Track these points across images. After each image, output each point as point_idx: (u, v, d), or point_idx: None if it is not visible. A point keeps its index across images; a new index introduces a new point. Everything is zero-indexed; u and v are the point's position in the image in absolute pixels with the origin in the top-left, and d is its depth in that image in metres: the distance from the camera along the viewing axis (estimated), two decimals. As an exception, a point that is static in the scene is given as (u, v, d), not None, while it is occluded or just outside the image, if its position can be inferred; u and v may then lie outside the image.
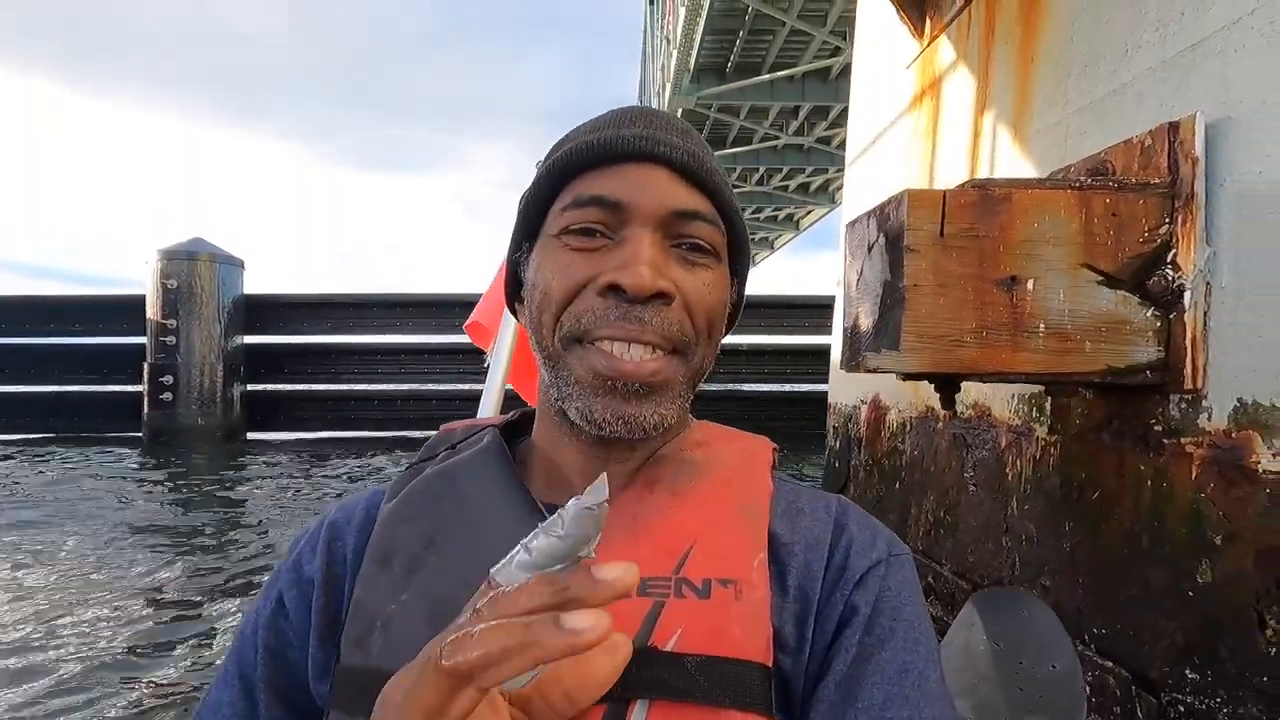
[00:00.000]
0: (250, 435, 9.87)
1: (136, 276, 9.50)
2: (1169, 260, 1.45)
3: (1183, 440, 1.46)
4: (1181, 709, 1.39)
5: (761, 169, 21.86)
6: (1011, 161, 2.21)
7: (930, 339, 1.42)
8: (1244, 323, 1.36)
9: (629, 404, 0.48)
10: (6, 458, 8.24)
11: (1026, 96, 2.15)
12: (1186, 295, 1.43)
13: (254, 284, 9.97)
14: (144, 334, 9.18)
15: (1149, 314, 1.47)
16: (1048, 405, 1.72)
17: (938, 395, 1.68)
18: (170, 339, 9.03)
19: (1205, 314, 1.43)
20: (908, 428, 2.83)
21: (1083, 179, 1.52)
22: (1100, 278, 1.45)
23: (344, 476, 7.58)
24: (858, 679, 0.46)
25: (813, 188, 22.15)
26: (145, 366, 9.07)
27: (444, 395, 10.00)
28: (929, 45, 2.86)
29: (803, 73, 15.94)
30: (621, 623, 0.42)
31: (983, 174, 2.39)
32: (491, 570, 0.35)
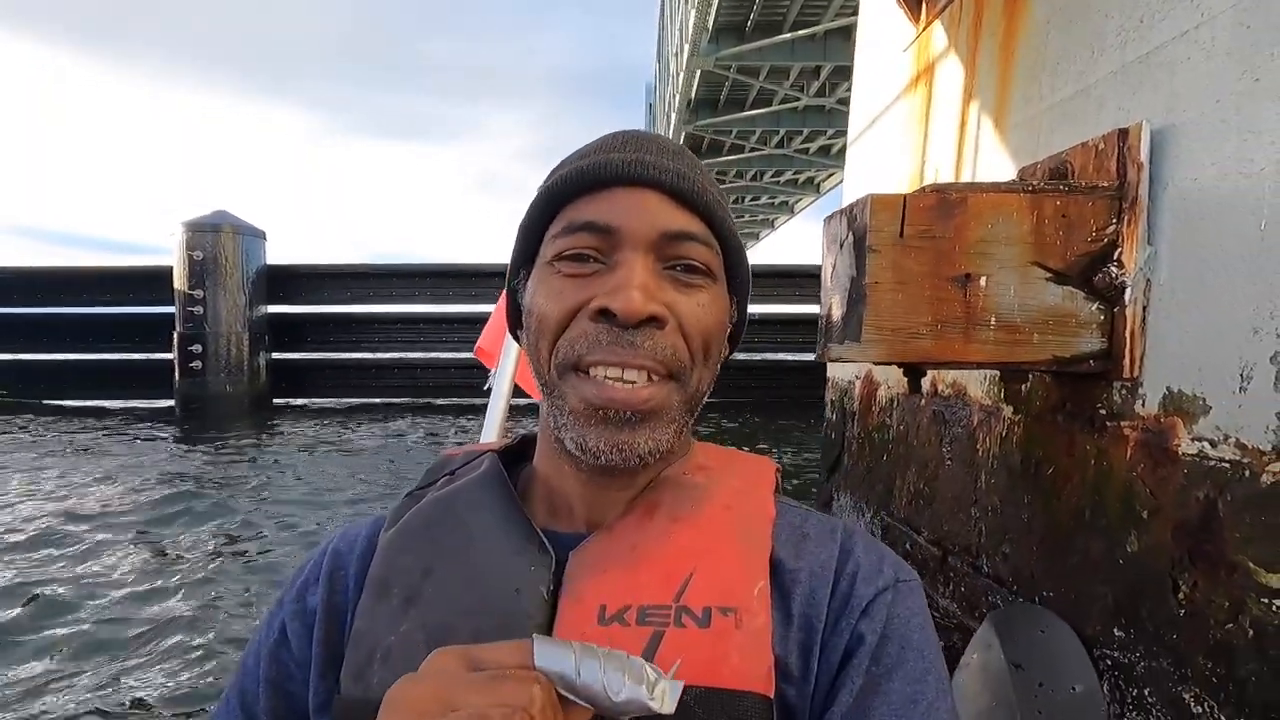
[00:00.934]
0: (276, 402, 10.22)
1: (163, 244, 9.77)
2: (1114, 258, 1.57)
3: (1121, 423, 1.60)
4: (1109, 662, 1.56)
5: (782, 131, 21.54)
6: (992, 152, 2.31)
7: (889, 332, 1.56)
8: (1175, 318, 1.48)
9: (622, 432, 0.48)
10: (42, 425, 8.65)
11: (1006, 90, 2.24)
12: (1128, 291, 1.55)
13: (276, 254, 10.23)
14: (172, 304, 9.50)
15: (1094, 308, 1.59)
16: (1016, 388, 1.85)
17: (905, 379, 1.83)
18: (198, 309, 9.33)
19: (1144, 309, 1.55)
20: (895, 404, 2.98)
21: (1035, 183, 1.63)
22: (1049, 274, 1.58)
23: (368, 442, 7.89)
24: (865, 710, 0.45)
25: (834, 150, 21.81)
26: (175, 335, 9.40)
27: (461, 363, 10.25)
28: (924, 31, 2.92)
29: (825, 31, 15.58)
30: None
31: (968, 161, 2.49)
32: (540, 642, 0.36)
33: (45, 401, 9.95)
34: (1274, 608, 1.21)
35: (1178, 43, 1.51)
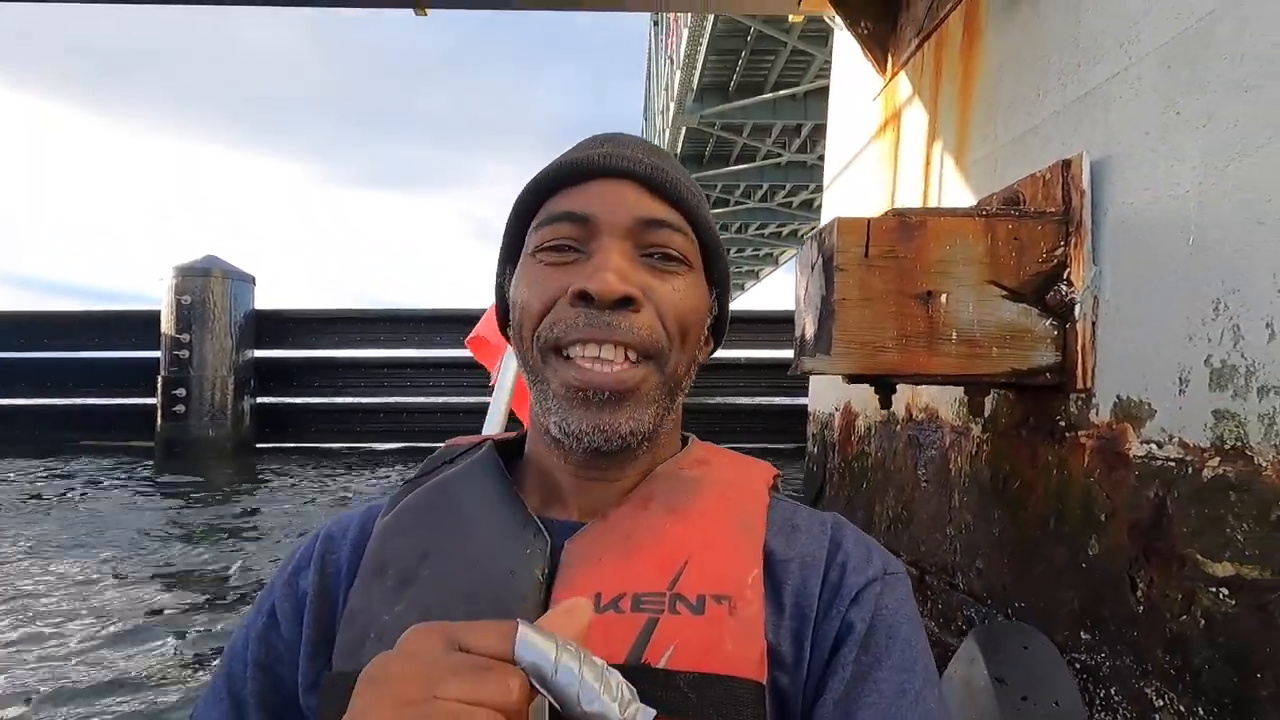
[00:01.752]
0: (260, 446, 10.12)
1: (150, 293, 9.82)
2: (1064, 277, 1.69)
3: (1078, 433, 1.69)
4: (1077, 666, 1.61)
5: (765, 185, 22.17)
6: (954, 187, 2.46)
7: (856, 345, 1.65)
8: (1120, 330, 1.59)
9: (604, 413, 0.49)
10: (27, 469, 8.51)
11: (966, 131, 2.40)
12: (1077, 307, 1.66)
13: (265, 299, 10.29)
14: (158, 348, 9.48)
15: (1048, 324, 1.70)
16: (982, 406, 1.94)
17: (877, 396, 1.92)
18: (184, 353, 9.32)
19: (1093, 323, 1.66)
20: (873, 432, 3.06)
21: (989, 208, 1.76)
22: (1005, 292, 1.69)
23: (350, 487, 7.81)
24: (855, 699, 0.46)
25: (816, 204, 22.46)
26: (159, 379, 9.36)
27: (448, 408, 10.25)
28: (891, 80, 3.12)
29: (805, 91, 16.21)
30: (616, 639, 0.44)
31: (933, 197, 2.64)
32: (523, 630, 0.34)
33: (21, 447, 9.79)
34: (1221, 596, 1.28)
35: (1110, 83, 1.66)
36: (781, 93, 16.60)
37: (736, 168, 20.87)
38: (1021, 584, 1.88)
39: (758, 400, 10.06)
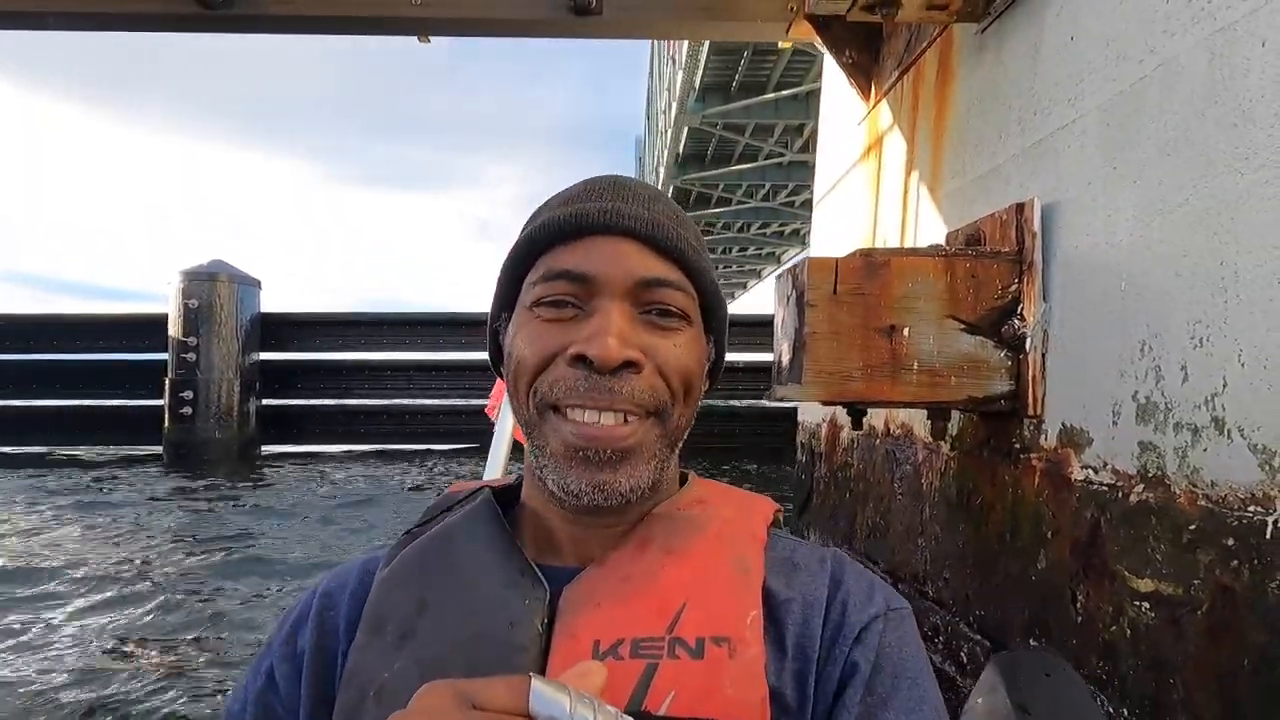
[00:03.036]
0: (265, 448, 10.30)
1: (154, 290, 10.00)
2: (1017, 313, 1.83)
3: (1030, 455, 1.83)
4: (1027, 670, 1.75)
5: (767, 185, 22.24)
6: (929, 218, 2.60)
7: (825, 375, 1.80)
8: (1066, 363, 1.73)
9: (603, 471, 0.48)
10: (36, 470, 8.68)
11: (939, 164, 2.54)
12: (1029, 340, 1.80)
13: (271, 300, 10.46)
14: (166, 351, 9.65)
15: (1002, 355, 1.84)
16: (944, 429, 2.09)
17: (850, 417, 2.07)
18: (191, 356, 9.49)
19: (1044, 355, 1.80)
20: (855, 444, 3.20)
21: (947, 249, 1.90)
22: (962, 326, 1.83)
23: (353, 488, 7.97)
24: None
25: (815, 205, 22.41)
26: (166, 382, 9.53)
27: (450, 410, 10.41)
28: (874, 108, 3.25)
29: (807, 91, 16.26)
30: (615, 686, 0.43)
31: (910, 225, 2.78)
32: (537, 685, 0.35)
33: (31, 449, 9.97)
34: (1143, 609, 1.42)
35: (1060, 133, 1.81)
36: (784, 93, 16.65)
37: (739, 167, 20.97)
38: (982, 594, 2.02)
39: (764, 404, 10.21)
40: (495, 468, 1.93)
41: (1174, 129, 1.43)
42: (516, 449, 2.10)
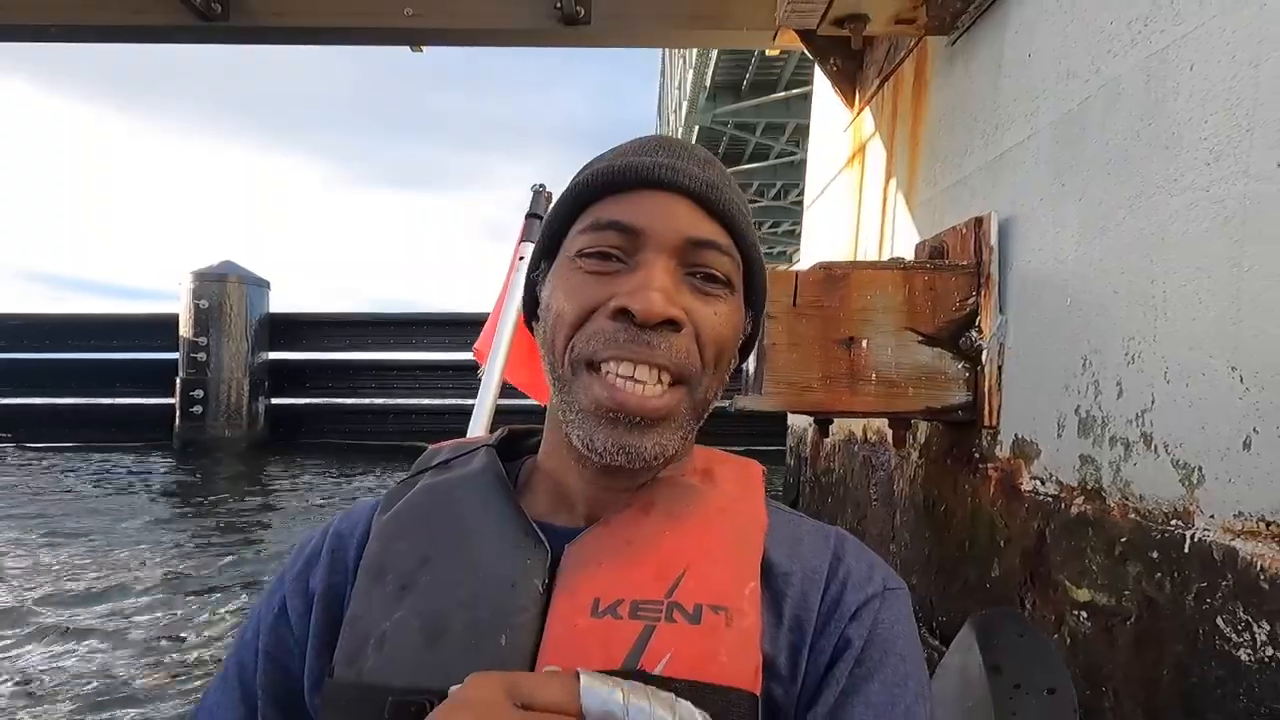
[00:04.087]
0: (273, 446, 10.45)
1: (168, 289, 10.18)
2: (975, 325, 1.86)
3: (987, 465, 1.87)
4: (981, 676, 1.78)
5: (778, 184, 22.22)
6: (905, 226, 2.62)
7: (785, 385, 1.84)
8: (1019, 376, 1.76)
9: (631, 435, 0.48)
10: (50, 466, 8.89)
11: (914, 173, 2.57)
12: (985, 352, 1.84)
13: (280, 300, 10.61)
14: (177, 350, 9.82)
15: (960, 366, 1.88)
16: (903, 438, 2.12)
17: (817, 426, 2.11)
18: (201, 355, 9.65)
19: (1000, 367, 1.83)
20: (837, 450, 3.23)
21: (906, 261, 1.93)
22: (921, 338, 1.87)
23: (360, 486, 8.09)
24: (844, 711, 0.46)
25: (824, 205, 22.32)
26: (178, 381, 9.70)
27: (456, 409, 10.50)
28: (857, 115, 3.28)
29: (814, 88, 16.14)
30: (613, 644, 0.45)
31: (888, 231, 2.81)
32: (586, 680, 0.35)
33: (47, 445, 10.19)
34: (1081, 617, 1.45)
35: (1016, 149, 1.84)
36: (795, 91, 16.57)
37: (749, 166, 20.94)
38: (944, 599, 2.06)
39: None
40: (479, 425, 1.82)
41: (1114, 149, 1.46)
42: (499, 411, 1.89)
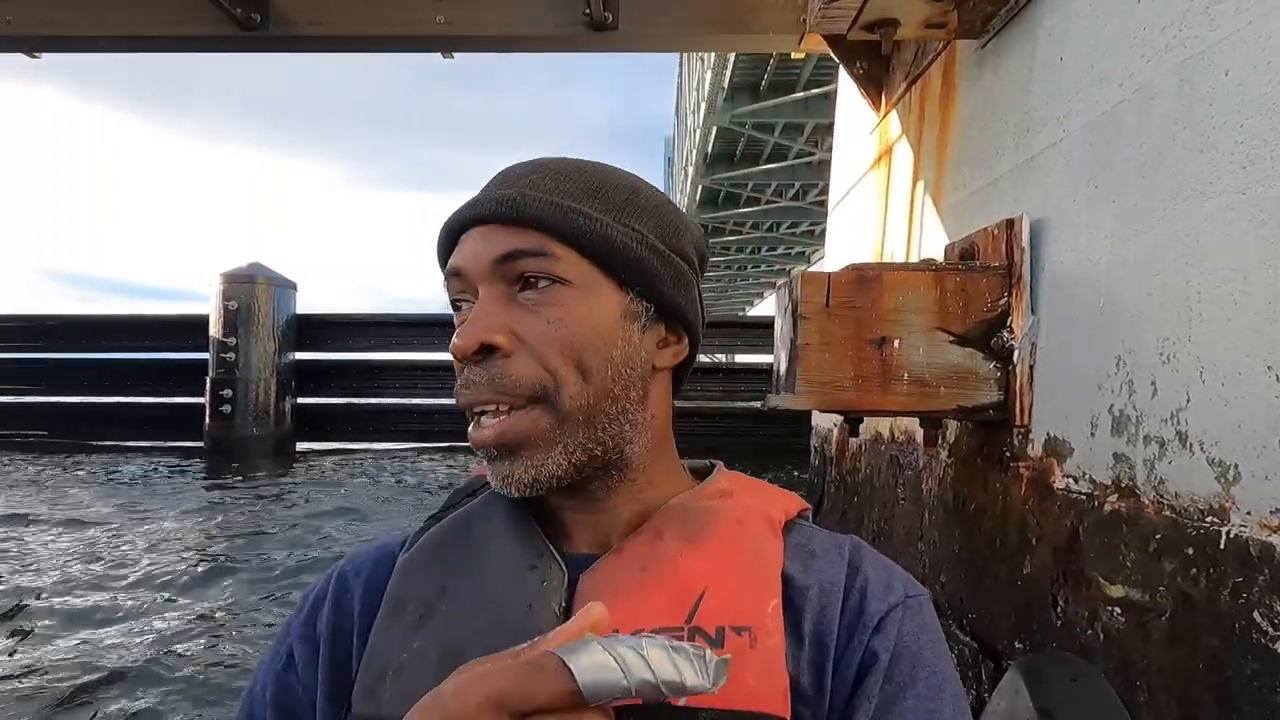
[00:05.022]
0: (299, 445, 10.63)
1: (194, 289, 10.41)
2: (1006, 325, 1.89)
3: (1019, 464, 1.89)
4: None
5: (797, 184, 22.14)
6: (932, 229, 2.65)
7: (817, 384, 1.88)
8: (1051, 375, 1.79)
9: (502, 466, 0.49)
10: (82, 464, 9.11)
11: (942, 176, 2.59)
12: (1016, 352, 1.86)
13: (306, 301, 10.79)
14: (206, 350, 10.03)
15: (992, 366, 1.90)
16: (935, 437, 2.15)
17: (847, 425, 2.14)
18: (230, 355, 9.84)
19: (1031, 367, 1.85)
20: (863, 449, 3.26)
21: (938, 263, 1.96)
22: (952, 338, 1.89)
23: (383, 483, 8.22)
24: None
25: (844, 205, 22.20)
26: (207, 381, 9.90)
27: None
28: (884, 118, 3.30)
29: (838, 90, 16.07)
30: None
31: (916, 234, 2.83)
32: (570, 656, 0.32)
33: (80, 442, 10.45)
34: (1115, 613, 1.48)
35: (1048, 152, 1.86)
36: (814, 91, 16.52)
37: (768, 166, 20.91)
38: (974, 597, 2.08)
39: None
40: None
41: (1148, 152, 1.48)
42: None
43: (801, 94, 16.46)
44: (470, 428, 0.50)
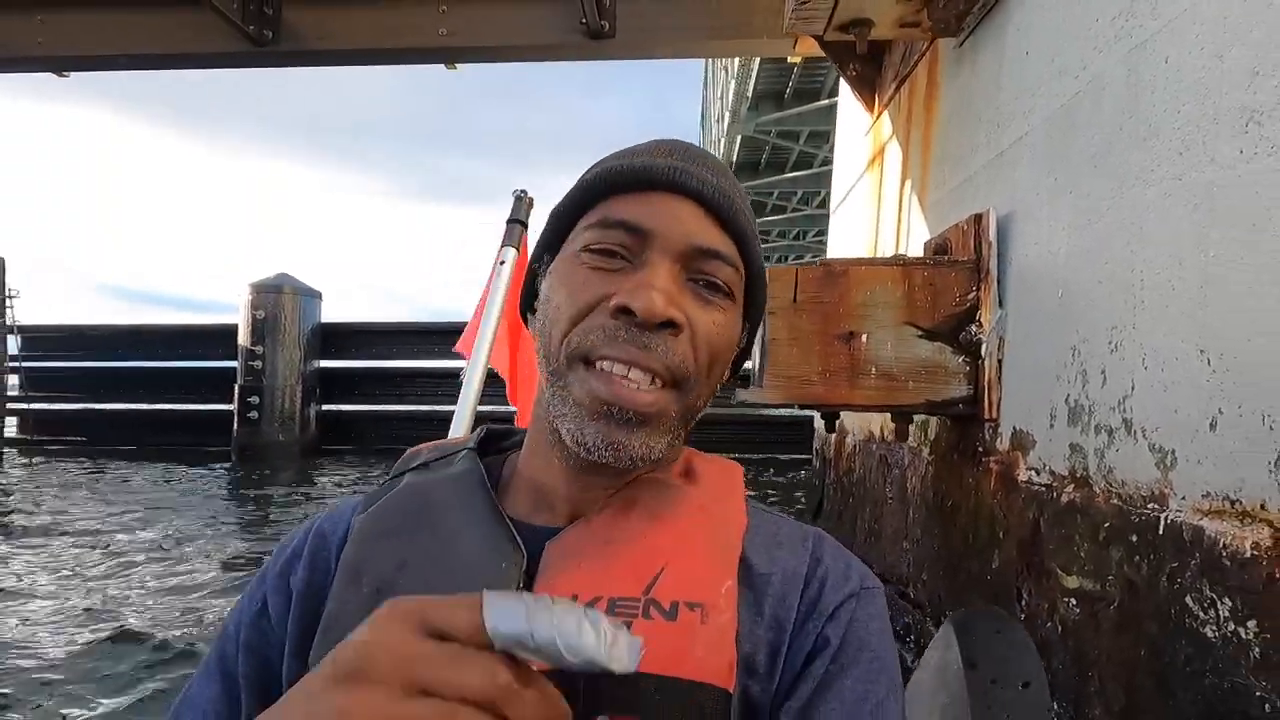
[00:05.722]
0: (324, 451, 10.86)
1: (228, 300, 10.75)
2: (975, 319, 1.89)
3: (989, 458, 1.88)
4: (982, 667, 1.79)
5: (823, 192, 22.05)
6: (919, 225, 2.65)
7: (785, 379, 1.90)
8: (1017, 368, 1.78)
9: (620, 431, 0.49)
10: (116, 468, 9.44)
11: (926, 174, 2.59)
12: (984, 346, 1.86)
13: (332, 310, 11.07)
14: (235, 359, 10.33)
15: (960, 360, 1.90)
16: (906, 431, 2.14)
17: (823, 421, 2.15)
18: (257, 364, 10.12)
19: (999, 361, 1.85)
20: (858, 450, 3.25)
21: (906, 257, 1.97)
22: (920, 332, 1.90)
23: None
24: (816, 705, 0.47)
25: (866, 212, 22.02)
26: (236, 388, 10.19)
27: (498, 416, 10.71)
28: (877, 119, 3.31)
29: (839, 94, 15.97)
30: None
31: (904, 232, 2.83)
32: (490, 598, 0.33)
33: (116, 448, 10.83)
34: (1071, 604, 1.47)
35: (1015, 146, 1.86)
36: (839, 98, 16.39)
37: (793, 174, 20.86)
38: (950, 592, 2.07)
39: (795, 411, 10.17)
40: (461, 426, 1.86)
41: (1100, 142, 1.48)
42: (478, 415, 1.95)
43: (826, 101, 16.36)
44: (592, 379, 0.49)
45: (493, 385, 1.72)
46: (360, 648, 0.34)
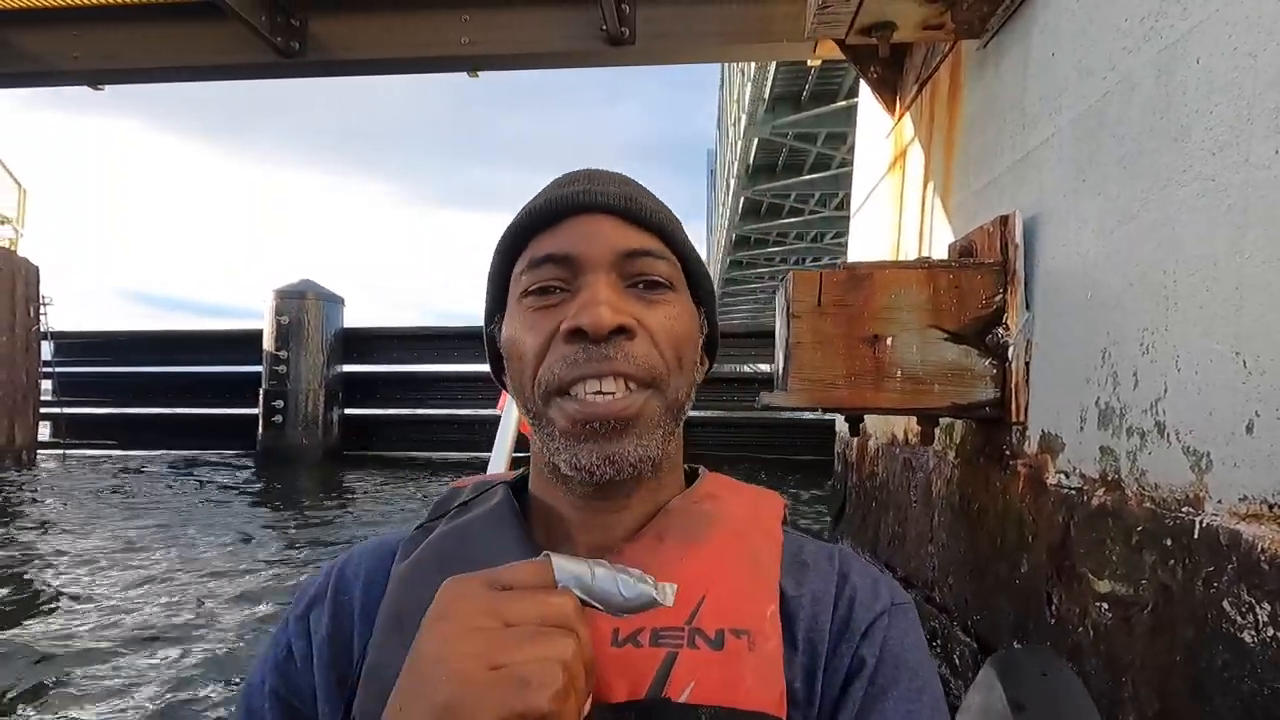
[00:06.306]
0: (346, 453, 10.99)
1: (254, 306, 10.93)
2: (1002, 321, 1.88)
3: (1017, 461, 1.87)
4: (1011, 672, 1.78)
5: (841, 194, 21.93)
6: (941, 228, 2.63)
7: (810, 382, 1.90)
8: (1045, 371, 1.77)
9: (611, 443, 0.49)
10: (144, 469, 9.62)
11: (949, 176, 2.58)
12: (1012, 349, 1.85)
13: (354, 315, 11.20)
14: (260, 363, 10.50)
15: (987, 363, 1.89)
16: (931, 435, 2.13)
17: (847, 424, 2.15)
18: (282, 368, 10.29)
19: (1027, 363, 1.84)
20: (880, 454, 3.23)
21: (931, 260, 1.96)
22: (946, 335, 1.89)
23: (426, 490, 8.43)
24: None
25: (886, 214, 21.90)
26: (261, 392, 10.36)
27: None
28: (898, 121, 3.30)
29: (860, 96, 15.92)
30: (636, 673, 0.44)
31: (926, 234, 2.82)
32: (555, 559, 0.39)
33: (146, 451, 11.04)
34: (1103, 609, 1.45)
35: (1041, 148, 1.85)
36: (856, 100, 16.34)
37: (811, 176, 20.77)
38: (977, 598, 2.05)
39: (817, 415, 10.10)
40: (500, 461, 1.97)
41: (1130, 143, 1.47)
42: (521, 442, 2.21)
43: (844, 102, 16.32)
44: (569, 404, 0.50)
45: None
46: (441, 608, 0.38)
